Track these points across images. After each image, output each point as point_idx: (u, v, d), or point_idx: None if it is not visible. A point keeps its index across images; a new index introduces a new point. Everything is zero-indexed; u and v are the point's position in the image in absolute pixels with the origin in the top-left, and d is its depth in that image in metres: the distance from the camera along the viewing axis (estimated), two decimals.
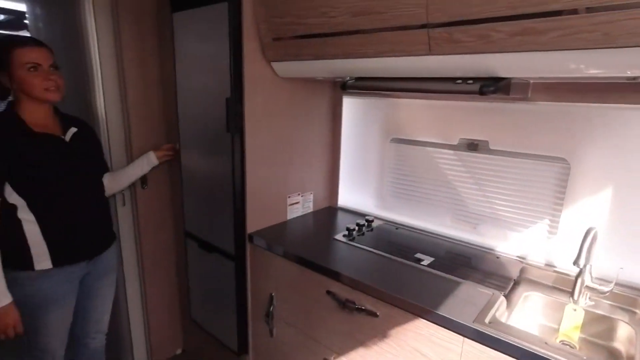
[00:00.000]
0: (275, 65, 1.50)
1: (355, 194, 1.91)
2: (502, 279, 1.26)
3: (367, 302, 1.23)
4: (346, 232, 1.58)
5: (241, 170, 1.54)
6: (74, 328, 1.56)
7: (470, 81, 1.08)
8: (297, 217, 1.81)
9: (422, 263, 1.33)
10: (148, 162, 1.75)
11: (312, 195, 1.87)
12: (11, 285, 1.28)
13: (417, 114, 1.62)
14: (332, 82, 1.80)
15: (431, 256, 1.39)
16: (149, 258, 1.98)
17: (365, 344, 1.27)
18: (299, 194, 1.80)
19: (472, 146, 1.47)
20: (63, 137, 1.37)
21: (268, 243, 1.53)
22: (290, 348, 1.55)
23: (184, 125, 1.74)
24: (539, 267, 1.35)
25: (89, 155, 1.47)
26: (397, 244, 1.53)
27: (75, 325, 1.56)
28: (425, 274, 1.28)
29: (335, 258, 1.40)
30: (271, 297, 1.57)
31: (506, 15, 0.92)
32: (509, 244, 1.44)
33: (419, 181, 1.65)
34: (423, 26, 1.05)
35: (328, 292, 1.34)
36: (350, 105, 1.82)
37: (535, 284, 1.31)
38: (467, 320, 1.03)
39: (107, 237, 1.56)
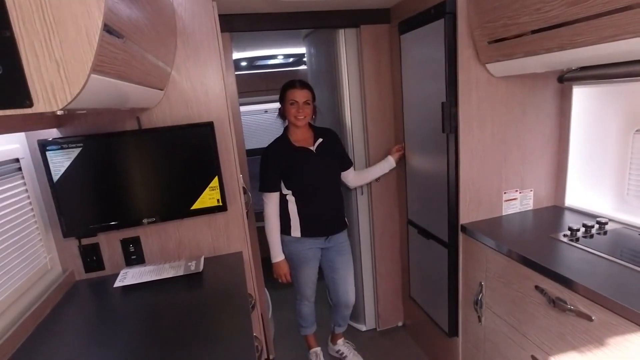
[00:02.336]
0: (489, 66, 1.59)
1: (586, 193, 1.71)
2: None
3: (580, 304, 1.17)
4: (568, 232, 1.48)
5: (455, 166, 1.70)
6: (331, 297, 2.17)
7: None
8: (514, 214, 1.80)
9: None
10: (389, 165, 2.16)
11: (531, 192, 1.81)
12: (282, 246, 1.96)
13: None
14: (559, 73, 1.69)
15: None
16: (379, 239, 2.41)
17: (579, 349, 1.21)
18: (516, 191, 1.79)
19: None
20: (312, 148, 1.92)
21: (479, 234, 1.63)
22: (498, 338, 1.60)
23: (408, 127, 2.05)
24: None
25: (330, 159, 1.98)
26: (637, 251, 1.32)
27: (331, 294, 2.16)
28: None
29: (548, 255, 1.36)
30: (480, 286, 1.66)
31: None
32: None
33: None
34: None
35: (536, 288, 1.34)
36: (581, 96, 1.65)
37: None
38: None
39: (340, 223, 2.05)
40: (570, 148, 1.74)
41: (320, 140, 1.95)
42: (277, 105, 2.01)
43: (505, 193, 1.78)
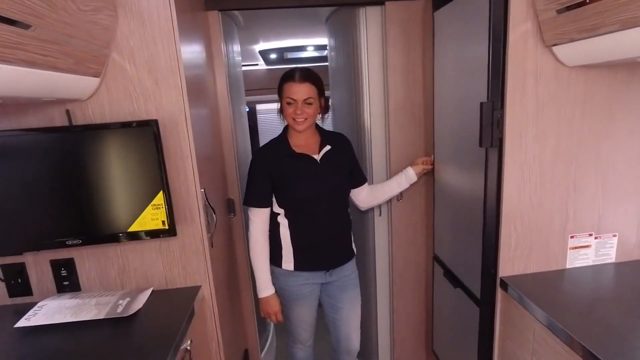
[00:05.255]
0: (558, 50, 1.06)
1: None
2: None
3: None
4: None
5: (497, 194, 1.19)
6: (332, 340, 1.73)
7: None
8: (585, 268, 1.24)
9: None
10: (407, 178, 1.67)
11: (615, 238, 1.23)
12: (271, 279, 1.55)
13: None
14: None
15: None
16: (399, 273, 1.92)
17: None
18: (590, 235, 1.23)
19: None
20: (316, 156, 1.48)
21: (528, 298, 1.10)
22: None
23: (439, 135, 1.55)
24: None
25: (339, 172, 1.53)
26: None
27: (331, 336, 1.72)
28: None
29: None
30: None
31: None
32: None
33: None
34: None
35: None
36: None
37: None
38: None
39: (345, 253, 1.59)
40: None
41: (328, 148, 1.51)
42: None
43: (572, 238, 1.22)
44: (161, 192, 1.16)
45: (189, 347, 1.10)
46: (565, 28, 0.98)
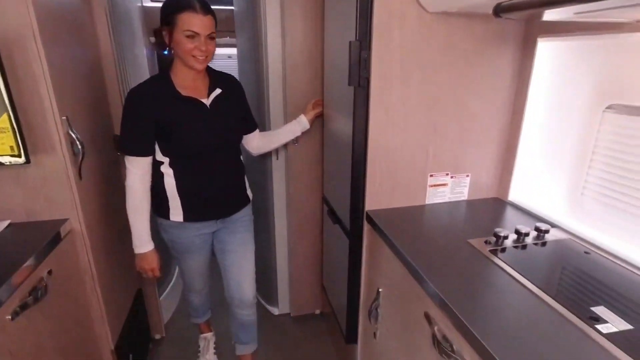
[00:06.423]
0: None
1: (535, 187, 1.29)
2: None
3: (467, 355, 0.78)
4: (493, 239, 1.08)
5: (364, 133, 1.26)
6: (224, 291, 1.63)
7: None
8: (441, 204, 1.38)
9: (597, 326, 0.74)
10: (300, 125, 1.68)
11: (468, 178, 1.39)
12: (159, 230, 1.48)
13: None
14: (525, 22, 1.21)
15: (626, 319, 0.75)
16: (295, 215, 1.99)
17: None
18: (447, 174, 1.36)
19: None
20: (205, 100, 1.35)
21: (385, 228, 1.21)
22: None
23: (327, 78, 1.58)
24: None
25: (228, 118, 1.42)
26: (574, 280, 0.92)
27: (224, 287, 1.63)
28: (596, 349, 0.69)
29: (452, 271, 0.96)
30: (378, 294, 1.27)
31: None
32: None
33: None
34: None
35: (426, 316, 0.95)
36: (549, 54, 1.18)
37: None
38: None
39: (238, 200, 1.54)
40: (524, 125, 1.29)
41: (219, 91, 1.38)
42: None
43: (431, 176, 1.35)
44: (5, 114, 1.06)
45: (44, 277, 1.07)
46: None
